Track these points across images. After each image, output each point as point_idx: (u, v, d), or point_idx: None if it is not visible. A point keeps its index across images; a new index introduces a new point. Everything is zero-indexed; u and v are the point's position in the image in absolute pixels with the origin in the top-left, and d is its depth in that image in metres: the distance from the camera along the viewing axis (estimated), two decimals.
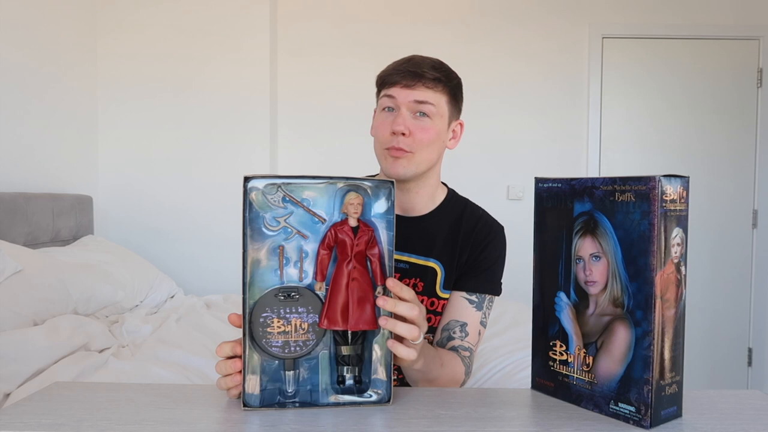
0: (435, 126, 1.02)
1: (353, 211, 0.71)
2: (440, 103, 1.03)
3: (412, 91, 1.00)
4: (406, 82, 1.00)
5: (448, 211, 1.13)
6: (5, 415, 0.68)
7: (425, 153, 1.03)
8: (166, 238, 2.92)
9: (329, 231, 0.71)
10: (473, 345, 1.07)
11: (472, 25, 3.10)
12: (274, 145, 3.05)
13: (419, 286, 1.09)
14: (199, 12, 2.90)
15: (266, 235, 0.70)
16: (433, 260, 1.09)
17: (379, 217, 0.72)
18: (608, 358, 0.68)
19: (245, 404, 0.70)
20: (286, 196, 0.70)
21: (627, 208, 0.66)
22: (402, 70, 1.01)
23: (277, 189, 0.69)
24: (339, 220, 0.71)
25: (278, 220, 0.70)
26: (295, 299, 0.71)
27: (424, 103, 1.01)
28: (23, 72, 2.32)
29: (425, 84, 1.00)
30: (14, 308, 1.57)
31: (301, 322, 0.71)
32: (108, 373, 1.46)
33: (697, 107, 3.16)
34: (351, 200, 0.71)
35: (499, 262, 1.12)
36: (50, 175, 2.52)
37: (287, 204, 0.70)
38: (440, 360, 0.96)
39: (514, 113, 3.13)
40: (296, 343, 0.71)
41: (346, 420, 0.68)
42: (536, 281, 0.78)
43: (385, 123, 1.03)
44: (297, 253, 0.71)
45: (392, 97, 1.02)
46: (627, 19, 3.13)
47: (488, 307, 1.10)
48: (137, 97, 2.91)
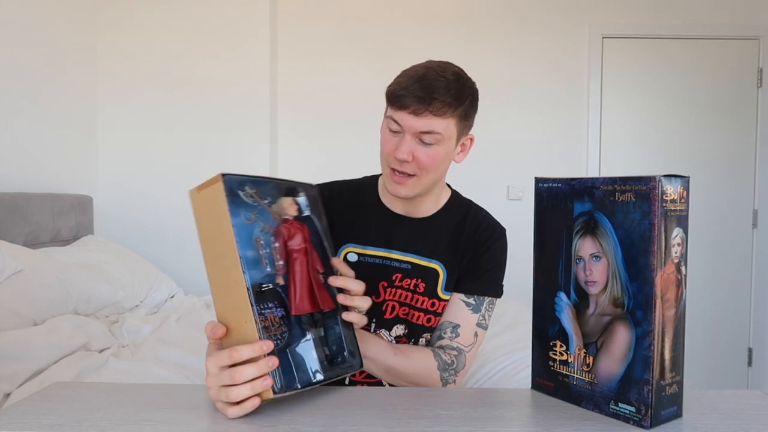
0: (441, 151, 0.99)
1: (293, 211, 0.79)
2: (448, 128, 0.98)
3: (418, 120, 0.96)
4: (414, 108, 0.95)
5: (451, 213, 1.13)
6: (5, 415, 0.68)
7: (430, 175, 1.01)
8: (166, 238, 2.92)
9: (283, 227, 0.76)
10: (464, 346, 1.06)
11: (472, 25, 3.10)
12: (274, 144, 3.05)
13: (420, 287, 1.08)
14: (199, 11, 2.90)
15: (247, 228, 0.72)
16: (436, 261, 1.09)
17: (312, 214, 0.82)
18: (608, 358, 0.68)
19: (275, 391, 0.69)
20: (252, 194, 0.73)
21: (627, 208, 0.66)
22: (412, 92, 0.95)
23: (245, 186, 0.73)
24: (284, 219, 0.77)
25: (251, 214, 0.72)
26: (265, 293, 0.72)
27: (429, 134, 0.97)
28: (23, 72, 2.32)
29: (434, 112, 0.95)
30: (14, 308, 1.57)
31: (274, 316, 0.72)
32: (108, 373, 1.46)
33: (697, 107, 3.16)
34: (288, 203, 0.79)
35: (500, 265, 1.12)
36: (50, 175, 2.52)
37: (253, 201, 0.73)
38: (392, 350, 0.98)
39: (514, 113, 3.13)
40: (276, 336, 0.71)
41: (347, 420, 0.68)
42: (536, 281, 0.78)
43: (390, 143, 1.00)
44: (270, 243, 0.74)
45: (397, 123, 0.98)
46: (627, 19, 3.12)
47: (488, 309, 1.10)
48: (137, 97, 2.91)
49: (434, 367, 1.02)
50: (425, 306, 1.08)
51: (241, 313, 0.69)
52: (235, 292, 0.70)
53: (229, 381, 0.66)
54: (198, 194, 0.73)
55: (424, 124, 0.96)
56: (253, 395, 0.67)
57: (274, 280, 0.73)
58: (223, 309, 0.73)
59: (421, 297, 1.08)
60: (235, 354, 0.66)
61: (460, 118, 1.00)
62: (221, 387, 0.67)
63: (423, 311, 1.09)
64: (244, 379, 0.66)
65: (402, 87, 0.97)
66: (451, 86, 0.96)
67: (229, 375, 0.66)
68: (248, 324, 0.69)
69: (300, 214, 0.80)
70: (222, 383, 0.67)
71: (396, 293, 1.09)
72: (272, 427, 0.66)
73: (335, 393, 0.78)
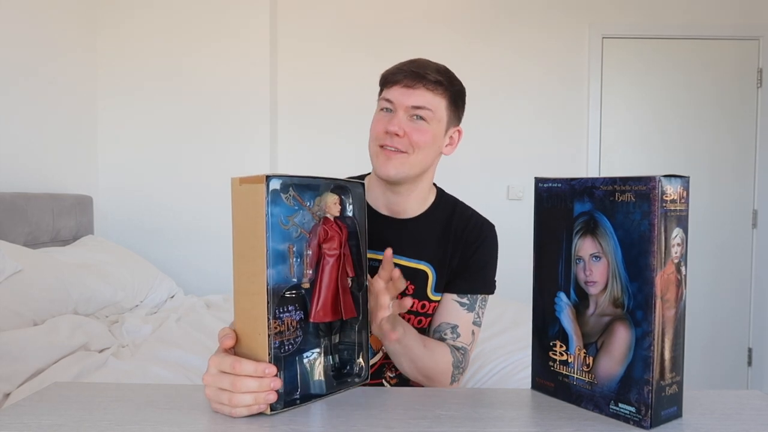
0: (431, 129, 1.02)
1: (336, 210, 0.76)
2: (439, 108, 1.02)
3: (412, 93, 1.00)
4: (407, 81, 1.00)
5: (438, 212, 1.12)
6: (5, 415, 0.68)
7: (420, 155, 1.02)
8: (166, 238, 2.92)
9: (321, 228, 0.74)
10: (467, 345, 1.07)
11: (472, 24, 3.10)
12: (274, 144, 3.05)
13: (410, 290, 1.08)
14: (198, 12, 2.89)
15: (283, 235, 0.70)
16: (424, 263, 1.08)
17: (355, 215, 0.79)
18: (608, 359, 0.68)
19: (273, 410, 0.68)
20: (295, 196, 0.71)
21: (627, 209, 0.66)
22: (405, 69, 1.01)
23: (289, 189, 0.71)
24: (324, 218, 0.76)
25: (288, 219, 0.71)
26: (287, 298, 0.71)
27: (421, 108, 1.00)
28: (23, 72, 2.32)
29: (426, 86, 1.00)
30: (14, 308, 1.57)
31: (291, 320, 0.71)
32: (108, 373, 1.46)
33: (697, 107, 3.16)
34: (333, 201, 0.76)
35: (491, 262, 1.12)
36: (50, 175, 2.52)
37: (295, 204, 0.71)
38: (422, 341, 0.98)
39: (514, 113, 3.13)
40: (288, 341, 0.70)
41: (347, 420, 0.68)
42: (536, 281, 0.78)
43: (381, 122, 1.03)
44: (302, 251, 0.72)
45: (390, 101, 1.01)
46: (627, 19, 3.12)
47: (481, 306, 1.10)
48: (137, 97, 2.91)
49: (450, 364, 1.02)
50: (415, 308, 1.08)
51: (258, 324, 0.68)
52: (255, 301, 0.68)
53: (229, 387, 0.66)
54: (240, 186, 0.69)
55: (416, 98, 1.00)
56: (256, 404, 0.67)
57: (300, 286, 0.72)
58: (242, 311, 0.70)
59: (412, 299, 1.07)
60: (238, 367, 0.66)
61: (450, 101, 1.04)
62: (220, 390, 0.67)
63: (413, 313, 1.08)
64: (244, 390, 0.66)
65: (393, 69, 1.03)
66: (441, 69, 1.03)
67: (231, 382, 0.67)
68: (261, 337, 0.68)
69: (343, 213, 0.78)
70: (221, 386, 0.67)
71: None
72: (272, 427, 0.66)
73: (335, 393, 0.78)
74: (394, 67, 1.04)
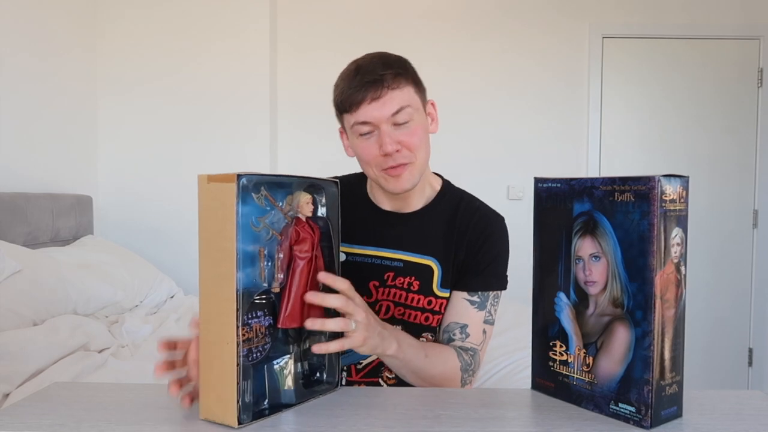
0: (417, 123, 0.98)
1: (308, 210, 0.73)
2: (411, 98, 0.97)
3: (382, 103, 0.94)
4: (371, 94, 0.93)
5: (443, 204, 1.09)
6: (5, 415, 0.68)
7: (421, 154, 0.99)
8: (166, 238, 2.92)
9: (292, 229, 0.71)
10: (477, 345, 1.03)
11: (472, 23, 3.10)
12: (274, 143, 3.05)
13: (415, 285, 1.04)
14: (198, 11, 2.89)
15: (253, 236, 0.66)
16: (429, 257, 1.05)
17: (328, 215, 0.77)
18: (608, 359, 0.68)
19: (240, 422, 0.64)
20: (267, 196, 0.68)
21: (626, 208, 0.66)
22: (359, 84, 0.94)
23: (260, 188, 0.67)
24: (296, 219, 0.73)
25: (260, 220, 0.67)
26: (257, 304, 0.68)
27: (400, 111, 0.95)
28: (23, 72, 2.32)
29: (389, 87, 0.94)
30: (14, 308, 1.57)
31: (260, 326, 0.68)
32: (107, 373, 1.46)
33: (698, 107, 3.16)
34: (306, 200, 0.73)
35: (501, 257, 1.07)
36: (50, 175, 2.52)
37: (267, 204, 0.68)
38: (423, 350, 0.93)
39: (514, 113, 3.12)
40: (257, 349, 0.67)
41: (347, 420, 0.68)
42: (536, 281, 0.78)
43: (369, 148, 0.97)
44: (273, 254, 0.69)
45: (367, 122, 0.95)
46: (627, 18, 3.12)
47: (493, 303, 1.06)
48: (137, 97, 2.91)
49: (457, 368, 0.98)
50: (421, 304, 1.05)
51: (225, 331, 0.64)
52: (223, 308, 0.64)
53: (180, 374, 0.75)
54: (208, 185, 0.65)
55: (389, 105, 0.94)
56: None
57: (270, 291, 0.69)
58: (208, 317, 0.66)
59: (416, 295, 1.04)
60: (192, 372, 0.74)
61: (414, 84, 0.99)
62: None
63: (420, 310, 1.05)
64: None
65: (345, 89, 0.96)
66: (386, 60, 0.98)
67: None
68: (229, 346, 0.64)
69: (315, 213, 0.75)
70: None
71: (389, 293, 1.05)
72: (272, 427, 0.66)
73: (335, 393, 0.78)
74: (344, 87, 0.97)
